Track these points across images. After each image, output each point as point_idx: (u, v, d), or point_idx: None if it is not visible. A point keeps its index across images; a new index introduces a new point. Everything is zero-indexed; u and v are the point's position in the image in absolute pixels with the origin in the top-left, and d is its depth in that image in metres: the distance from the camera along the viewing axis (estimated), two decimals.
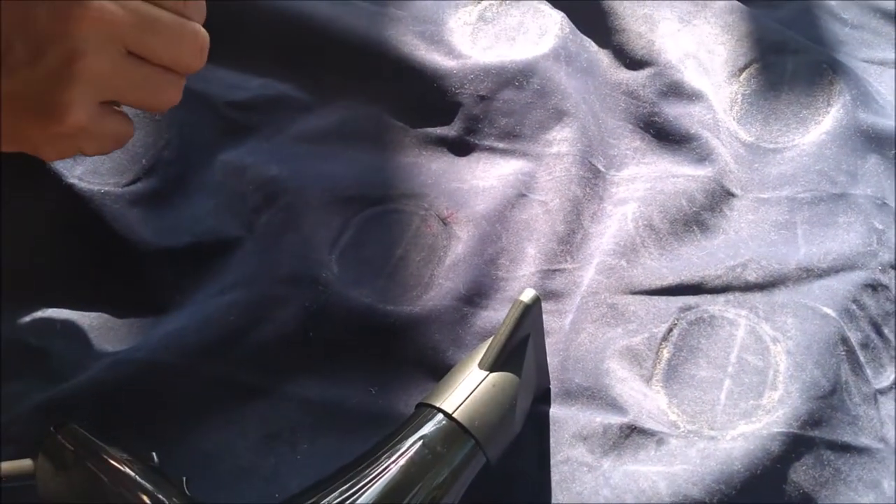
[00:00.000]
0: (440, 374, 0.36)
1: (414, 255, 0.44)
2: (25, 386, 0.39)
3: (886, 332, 0.41)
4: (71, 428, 0.33)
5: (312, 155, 0.48)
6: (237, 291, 0.42)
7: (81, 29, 0.31)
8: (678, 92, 0.50)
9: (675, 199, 0.45)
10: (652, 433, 0.37)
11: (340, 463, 0.33)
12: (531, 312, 0.34)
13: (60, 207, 0.43)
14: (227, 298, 0.41)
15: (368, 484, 0.31)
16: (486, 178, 0.47)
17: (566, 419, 0.38)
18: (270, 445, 0.39)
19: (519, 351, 0.35)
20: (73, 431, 0.32)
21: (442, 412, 0.33)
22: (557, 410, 0.39)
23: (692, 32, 0.54)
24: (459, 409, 0.33)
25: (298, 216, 0.45)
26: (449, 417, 0.33)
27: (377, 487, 0.30)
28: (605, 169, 0.48)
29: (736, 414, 0.38)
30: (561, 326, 0.42)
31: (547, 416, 0.38)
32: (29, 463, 0.32)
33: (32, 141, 0.34)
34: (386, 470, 0.31)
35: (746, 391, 0.38)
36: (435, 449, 0.32)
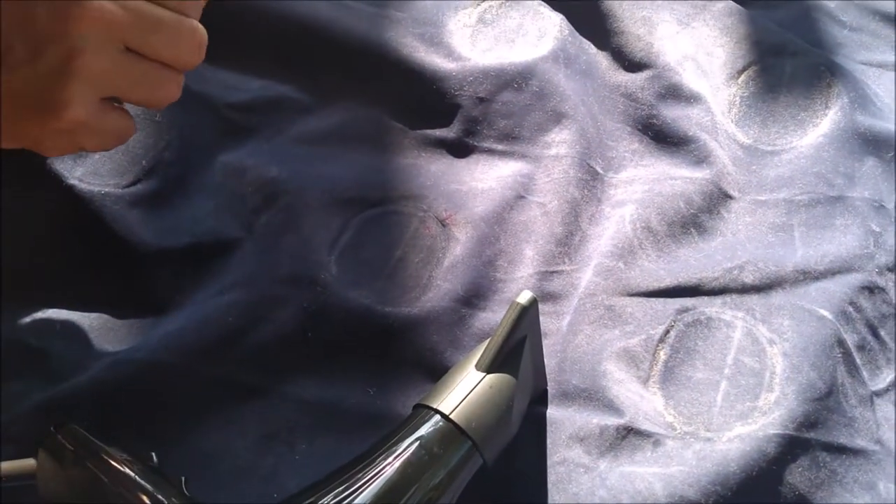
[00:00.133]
0: (438, 375, 0.37)
1: (412, 256, 0.44)
2: (25, 386, 0.39)
3: (883, 334, 0.41)
4: (71, 428, 0.33)
5: (312, 156, 0.48)
6: (236, 292, 0.42)
7: (80, 28, 0.31)
8: (676, 94, 0.50)
9: (672, 201, 0.45)
10: (648, 434, 0.37)
11: (338, 463, 0.33)
12: (528, 314, 0.34)
13: (61, 208, 0.44)
14: (226, 299, 0.42)
15: (365, 484, 0.31)
16: (484, 179, 0.47)
17: (563, 420, 0.38)
18: (269, 445, 0.39)
19: (516, 352, 0.35)
20: (72, 431, 0.33)
21: (439, 413, 0.33)
22: (554, 412, 0.39)
23: (691, 35, 0.54)
24: (456, 410, 0.33)
25: (298, 217, 0.45)
26: (446, 418, 0.33)
27: (374, 488, 0.31)
28: (603, 171, 0.48)
29: (732, 415, 0.38)
30: (558, 328, 0.42)
31: (544, 417, 0.39)
32: (29, 462, 0.32)
33: (33, 137, 0.34)
34: (383, 471, 0.31)
35: (743, 393, 0.38)
36: (432, 450, 0.32)
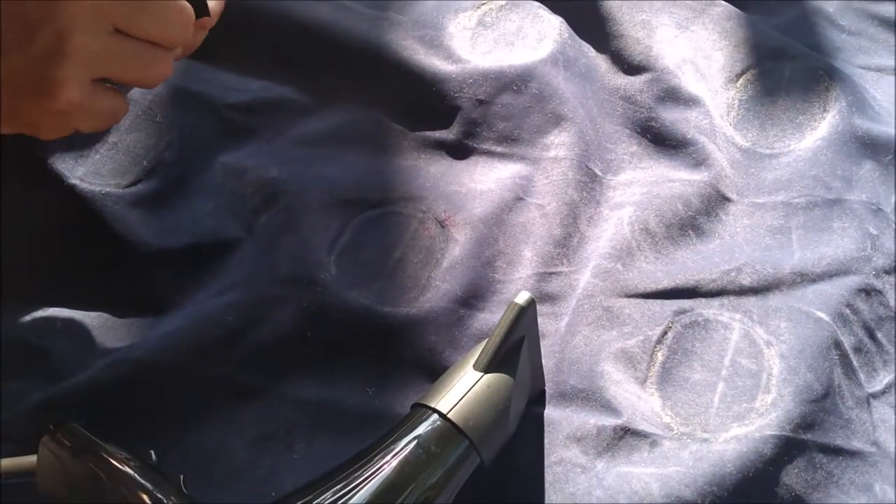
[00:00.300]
0: (437, 375, 0.37)
1: (411, 257, 0.45)
2: (25, 385, 0.39)
3: (880, 336, 0.41)
4: (70, 426, 0.33)
5: (312, 157, 0.49)
6: (236, 292, 0.42)
7: (69, 10, 0.32)
8: (675, 97, 0.50)
9: (671, 203, 0.46)
10: (645, 435, 0.37)
11: (337, 463, 0.33)
12: (526, 315, 0.34)
13: (62, 208, 0.44)
14: (225, 299, 0.42)
15: (362, 483, 0.31)
16: (483, 181, 0.48)
17: (560, 420, 0.38)
18: (267, 445, 0.39)
19: (513, 353, 0.35)
20: (72, 430, 0.33)
21: (437, 412, 0.33)
22: (552, 412, 0.39)
23: (690, 38, 0.54)
24: (454, 409, 0.33)
25: (297, 218, 0.45)
26: (443, 418, 0.33)
27: (371, 487, 0.31)
28: (601, 173, 0.48)
29: (729, 417, 0.38)
30: (556, 329, 0.42)
31: (541, 417, 0.39)
32: (29, 460, 0.33)
33: (29, 120, 0.35)
34: (380, 469, 0.31)
35: (740, 394, 0.39)
36: (429, 449, 0.32)
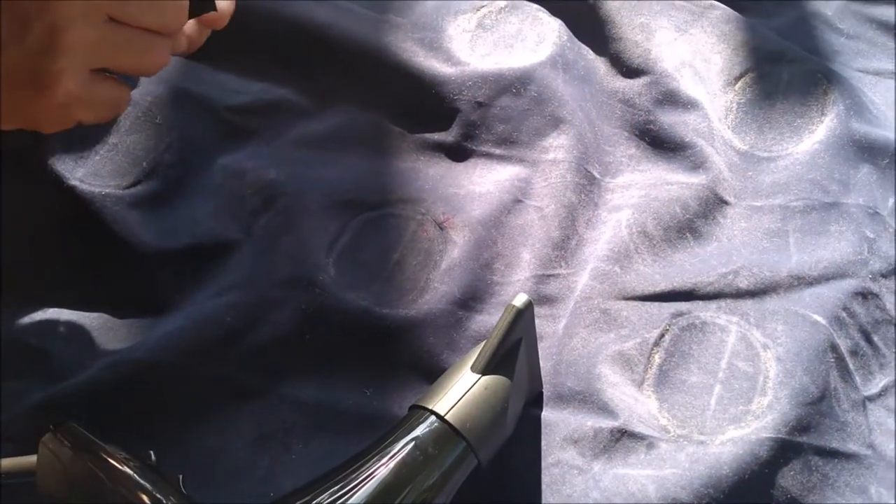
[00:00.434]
0: (434, 376, 0.37)
1: (410, 259, 0.45)
2: (25, 385, 0.39)
3: (876, 339, 0.41)
4: (70, 426, 0.33)
5: (311, 159, 0.49)
6: (235, 293, 0.42)
7: (62, 2, 0.32)
8: (674, 100, 0.50)
9: (668, 206, 0.46)
10: (642, 437, 0.37)
11: (335, 464, 0.33)
12: (523, 317, 0.34)
13: (62, 209, 0.44)
14: (224, 300, 0.42)
15: (360, 484, 0.31)
16: (482, 183, 0.48)
17: (558, 422, 0.39)
18: (266, 446, 0.39)
19: (511, 355, 0.35)
20: (72, 430, 0.33)
21: (434, 414, 0.33)
22: (549, 414, 0.39)
23: (688, 41, 0.54)
24: (451, 411, 0.33)
25: (296, 219, 0.45)
26: (441, 419, 0.33)
27: (368, 488, 0.31)
28: (600, 176, 0.48)
29: (725, 419, 0.38)
30: (554, 331, 0.42)
31: (539, 419, 0.39)
32: (29, 460, 0.33)
33: (29, 114, 0.35)
34: (377, 471, 0.31)
35: (736, 397, 0.39)
36: (426, 450, 0.32)
